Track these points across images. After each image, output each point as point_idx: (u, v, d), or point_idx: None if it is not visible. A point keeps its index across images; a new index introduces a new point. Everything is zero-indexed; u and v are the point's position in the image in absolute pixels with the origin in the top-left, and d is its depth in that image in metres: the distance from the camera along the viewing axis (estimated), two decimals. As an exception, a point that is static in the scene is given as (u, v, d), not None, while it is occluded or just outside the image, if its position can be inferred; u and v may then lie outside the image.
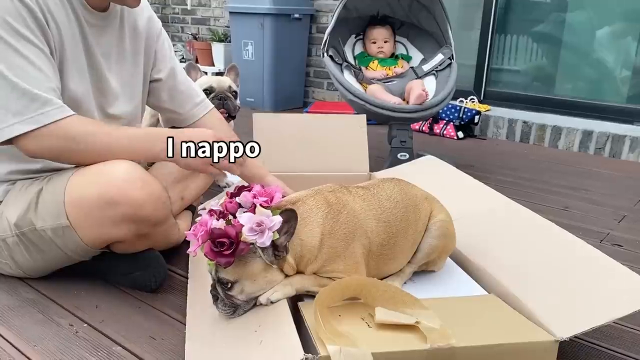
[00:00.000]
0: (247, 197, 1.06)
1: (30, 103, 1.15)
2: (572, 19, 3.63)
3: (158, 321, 1.25)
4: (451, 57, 2.53)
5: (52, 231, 1.25)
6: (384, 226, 1.18)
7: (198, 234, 1.03)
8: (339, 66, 2.50)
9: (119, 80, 1.42)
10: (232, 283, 1.05)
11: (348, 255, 1.11)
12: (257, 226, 1.00)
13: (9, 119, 1.15)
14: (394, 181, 1.29)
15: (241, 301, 1.07)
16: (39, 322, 1.23)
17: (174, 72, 1.59)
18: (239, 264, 1.03)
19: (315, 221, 1.09)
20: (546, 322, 1.03)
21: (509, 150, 3.21)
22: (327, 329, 0.95)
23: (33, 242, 1.28)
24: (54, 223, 1.24)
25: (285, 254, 1.05)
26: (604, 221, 2.06)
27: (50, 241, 1.26)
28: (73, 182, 1.23)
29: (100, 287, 1.38)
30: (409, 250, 1.25)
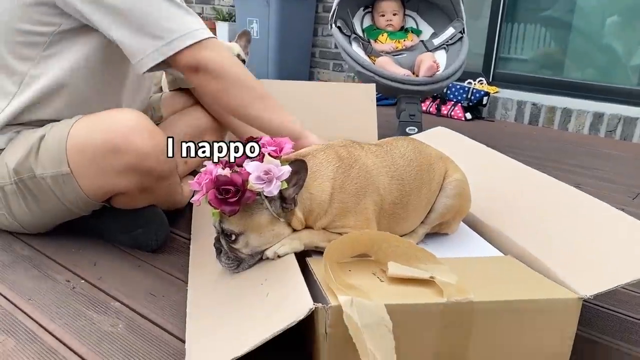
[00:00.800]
0: (259, 141, 1.01)
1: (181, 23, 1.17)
2: (583, 2, 3.55)
3: (158, 279, 1.20)
4: (462, 31, 2.47)
5: (52, 179, 1.19)
6: (397, 184, 1.12)
7: (202, 182, 0.97)
8: (347, 38, 2.44)
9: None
10: (237, 235, 0.99)
11: (359, 211, 1.06)
12: (265, 174, 0.95)
13: (170, 35, 1.16)
14: (408, 139, 1.23)
15: (245, 255, 1.02)
16: (34, 277, 1.18)
17: None
18: (244, 215, 0.98)
19: (326, 175, 1.04)
20: (567, 281, 0.98)
21: (518, 132, 3.14)
22: (337, 281, 0.89)
23: (31, 191, 1.23)
24: (54, 170, 1.18)
25: (294, 206, 1.00)
26: (618, 198, 2.01)
27: (49, 190, 1.21)
28: (77, 127, 1.18)
29: (99, 245, 1.33)
30: (422, 210, 1.19)
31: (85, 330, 0.99)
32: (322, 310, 0.84)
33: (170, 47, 1.16)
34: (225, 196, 0.93)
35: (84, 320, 1.03)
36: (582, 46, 3.59)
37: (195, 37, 1.17)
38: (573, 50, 3.61)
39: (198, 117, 1.64)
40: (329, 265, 0.91)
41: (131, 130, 1.14)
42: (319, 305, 0.83)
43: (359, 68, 2.28)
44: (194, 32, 1.18)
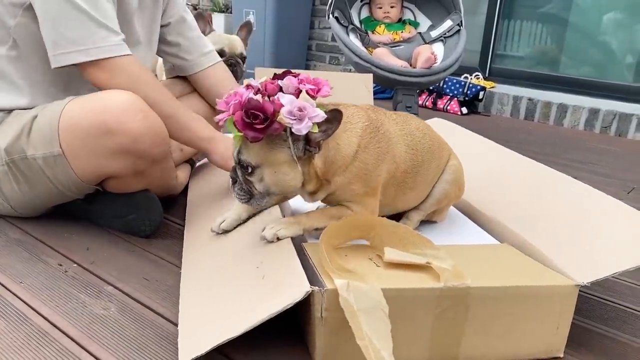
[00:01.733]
0: (293, 81, 0.95)
1: (90, 34, 1.15)
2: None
3: (152, 263, 1.19)
4: (460, 24, 2.46)
5: (43, 160, 1.17)
6: (411, 153, 1.12)
7: (230, 102, 0.92)
8: (345, 28, 2.43)
9: (141, 27, 1.38)
10: (254, 168, 0.96)
11: (372, 177, 1.04)
12: (298, 111, 0.89)
13: (67, 46, 1.15)
14: (418, 118, 1.24)
15: (257, 192, 0.99)
16: (25, 260, 1.16)
17: (184, 19, 1.56)
18: (264, 148, 0.94)
19: (355, 131, 1.01)
20: (564, 269, 0.97)
21: (514, 127, 3.15)
22: (334, 265, 0.88)
23: (23, 171, 1.21)
24: (45, 151, 1.17)
25: (317, 151, 0.95)
26: (613, 192, 1.99)
27: (41, 172, 1.19)
28: (70, 108, 1.16)
29: (92, 230, 1.32)
30: (428, 184, 1.19)
31: (76, 313, 0.98)
32: (318, 293, 0.83)
33: (67, 57, 1.15)
34: (253, 121, 0.89)
35: (75, 302, 1.01)
36: (578, 42, 3.59)
37: (90, 55, 1.15)
38: (569, 46, 3.61)
39: (195, 105, 1.62)
40: (325, 249, 0.91)
41: (125, 112, 1.13)
42: (315, 288, 0.82)
43: (356, 59, 2.26)
44: (92, 49, 1.15)
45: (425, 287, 0.86)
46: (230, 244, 1.13)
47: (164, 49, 1.56)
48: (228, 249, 1.10)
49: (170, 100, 1.27)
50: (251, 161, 0.96)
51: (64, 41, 1.14)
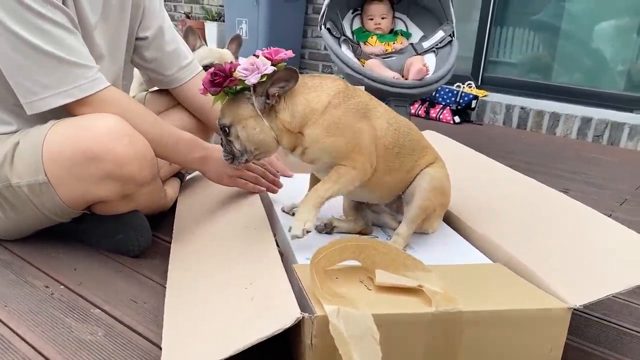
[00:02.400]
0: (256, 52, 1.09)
1: (63, 76, 1.12)
2: (572, 7, 3.57)
3: (140, 285, 1.17)
4: (452, 35, 2.46)
5: (29, 188, 1.16)
6: (393, 131, 1.15)
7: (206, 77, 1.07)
8: (337, 40, 2.42)
9: (105, 40, 1.33)
10: (228, 127, 1.08)
11: (350, 131, 1.09)
12: (250, 65, 1.03)
13: (42, 92, 1.12)
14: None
15: (237, 150, 1.10)
16: (12, 282, 1.14)
17: (162, 31, 1.48)
18: (232, 107, 1.07)
19: (326, 92, 1.10)
20: (557, 290, 0.96)
21: (506, 136, 3.15)
22: (324, 289, 0.87)
23: (8, 199, 1.19)
24: (30, 179, 1.15)
25: (275, 102, 1.06)
26: (606, 203, 2.01)
27: (27, 199, 1.17)
28: (53, 134, 1.14)
29: (79, 250, 1.30)
30: (409, 171, 1.19)
31: (63, 339, 0.96)
32: (308, 320, 0.82)
33: (45, 102, 1.13)
34: (215, 79, 1.04)
35: (62, 327, 1.00)
36: (571, 51, 3.60)
37: (71, 96, 1.13)
38: (561, 55, 3.62)
39: (182, 118, 1.60)
40: (315, 273, 0.89)
41: (110, 137, 1.11)
42: (305, 315, 0.81)
43: (348, 70, 2.26)
44: (70, 90, 1.13)
45: (417, 312, 0.85)
46: (218, 262, 1.11)
47: (141, 64, 1.50)
48: (216, 268, 1.09)
49: (156, 125, 1.25)
50: (225, 122, 1.08)
51: (38, 87, 1.11)
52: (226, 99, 1.08)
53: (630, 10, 3.33)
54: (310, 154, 1.12)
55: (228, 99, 1.08)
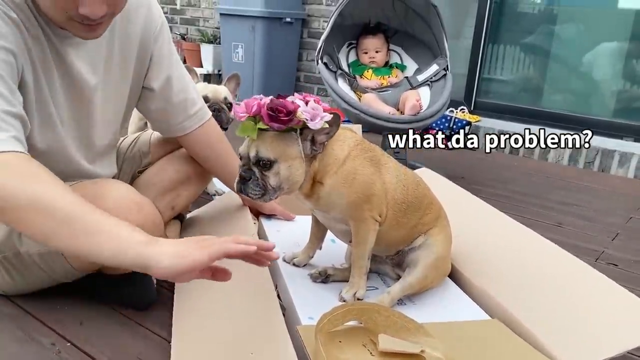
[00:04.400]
0: (298, 96, 1.12)
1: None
2: (563, 32, 3.64)
3: (145, 340, 1.19)
4: (446, 68, 2.51)
5: (39, 256, 1.17)
6: (401, 187, 1.21)
7: (252, 105, 1.07)
8: (334, 74, 2.46)
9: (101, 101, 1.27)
10: (272, 162, 1.09)
11: (364, 183, 1.15)
12: (312, 110, 1.07)
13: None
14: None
15: (271, 186, 1.10)
16: (18, 339, 1.16)
17: (170, 82, 1.40)
18: (281, 144, 1.09)
19: (347, 143, 1.16)
20: (552, 350, 1.00)
21: (499, 162, 3.19)
22: (329, 357, 0.90)
23: (15, 266, 1.21)
24: (40, 248, 1.16)
25: (320, 151, 1.11)
26: (598, 239, 2.05)
27: (36, 266, 1.19)
28: None
29: (85, 302, 1.31)
30: (414, 227, 1.24)
31: (72, 403, 0.98)
32: (312, 390, 0.84)
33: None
34: (278, 114, 1.04)
35: (70, 391, 1.02)
36: (562, 76, 3.67)
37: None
38: (553, 81, 3.69)
39: (186, 163, 1.61)
40: (321, 341, 0.92)
41: (119, 208, 1.10)
42: (309, 385, 0.84)
43: (345, 105, 2.30)
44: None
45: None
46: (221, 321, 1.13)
47: (147, 114, 1.46)
48: (219, 328, 1.11)
49: (73, 200, 0.92)
50: (270, 156, 1.08)
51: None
52: (266, 133, 1.08)
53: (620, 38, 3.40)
54: (324, 203, 1.16)
55: (274, 134, 1.08)
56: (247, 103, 1.08)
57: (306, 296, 1.19)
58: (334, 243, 1.50)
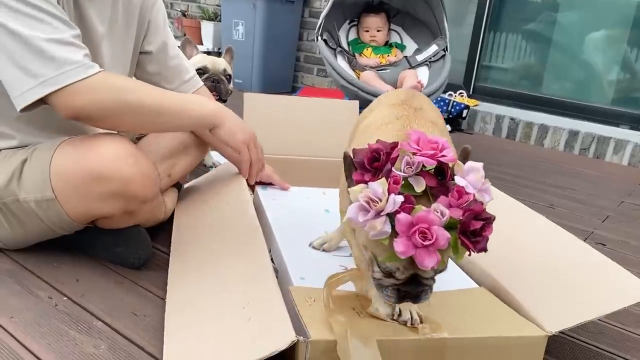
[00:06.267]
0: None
1: (49, 62, 1.05)
2: (564, 20, 3.64)
3: (140, 297, 1.22)
4: (445, 49, 2.52)
5: (36, 203, 1.20)
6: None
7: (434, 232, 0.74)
8: (333, 51, 2.47)
9: (109, 52, 1.36)
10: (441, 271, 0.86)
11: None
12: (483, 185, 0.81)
13: (27, 82, 1.06)
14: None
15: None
16: (16, 293, 1.18)
17: (166, 46, 1.52)
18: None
19: None
20: (535, 315, 1.03)
21: (495, 146, 3.22)
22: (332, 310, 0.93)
23: (14, 213, 1.23)
24: (38, 195, 1.19)
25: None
26: (589, 220, 2.08)
27: (33, 213, 1.22)
28: (60, 154, 1.18)
29: (81, 260, 1.34)
30: None
31: (68, 351, 1.01)
32: (302, 343, 0.87)
33: (31, 93, 1.06)
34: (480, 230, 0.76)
35: (66, 340, 1.04)
36: (562, 62, 3.68)
37: (55, 84, 1.06)
38: (552, 66, 3.70)
39: (183, 132, 1.64)
40: (329, 297, 0.96)
41: (115, 157, 1.15)
42: (300, 338, 0.87)
43: (343, 82, 2.31)
44: (55, 77, 1.06)
45: (405, 339, 0.91)
46: (216, 279, 1.16)
47: (144, 77, 1.53)
48: (214, 285, 1.14)
49: (158, 95, 1.23)
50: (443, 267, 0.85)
51: (24, 77, 1.06)
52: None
53: (622, 27, 3.41)
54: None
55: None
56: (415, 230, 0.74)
57: (298, 259, 1.22)
58: (328, 213, 1.53)
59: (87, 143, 1.18)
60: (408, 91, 1.12)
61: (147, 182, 1.20)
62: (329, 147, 1.92)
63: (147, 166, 1.20)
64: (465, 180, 0.79)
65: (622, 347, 1.22)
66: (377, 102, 1.15)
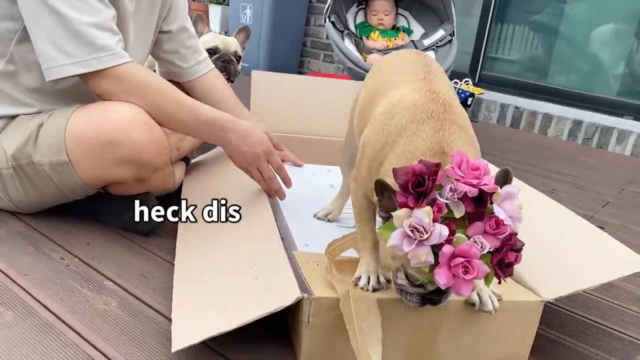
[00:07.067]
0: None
1: (85, 46, 1.15)
2: (570, 10, 3.65)
3: (149, 261, 1.26)
4: (452, 34, 2.54)
5: (50, 166, 1.24)
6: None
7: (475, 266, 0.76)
8: (340, 33, 2.49)
9: (134, 30, 1.41)
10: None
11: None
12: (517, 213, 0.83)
13: (61, 59, 1.15)
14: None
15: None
16: (30, 253, 1.22)
17: (185, 29, 1.62)
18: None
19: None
20: (531, 283, 1.06)
21: (499, 134, 3.24)
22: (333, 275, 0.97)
23: (29, 176, 1.27)
24: (53, 158, 1.23)
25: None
26: (589, 205, 2.11)
27: (47, 177, 1.25)
28: (76, 118, 1.22)
29: (92, 226, 1.38)
30: None
31: (80, 307, 1.05)
32: (306, 300, 0.91)
33: (62, 70, 1.16)
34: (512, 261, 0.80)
35: (78, 297, 1.08)
36: (567, 53, 3.69)
37: (90, 67, 1.16)
38: (558, 56, 3.71)
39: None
40: (331, 260, 0.99)
41: (129, 124, 1.19)
42: (304, 295, 0.90)
43: (349, 64, 2.33)
44: (90, 60, 1.16)
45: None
46: (223, 244, 1.20)
47: (161, 55, 1.62)
48: (221, 250, 1.18)
49: (176, 101, 1.26)
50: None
51: (59, 54, 1.15)
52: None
53: (627, 19, 3.41)
54: None
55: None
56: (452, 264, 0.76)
57: (302, 228, 1.26)
58: (332, 188, 1.56)
59: (102, 109, 1.21)
60: (421, 61, 1.09)
61: (160, 150, 1.24)
62: (334, 127, 1.95)
63: (159, 134, 1.23)
64: (504, 213, 0.80)
65: (611, 319, 1.26)
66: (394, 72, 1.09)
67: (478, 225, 0.79)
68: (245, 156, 1.29)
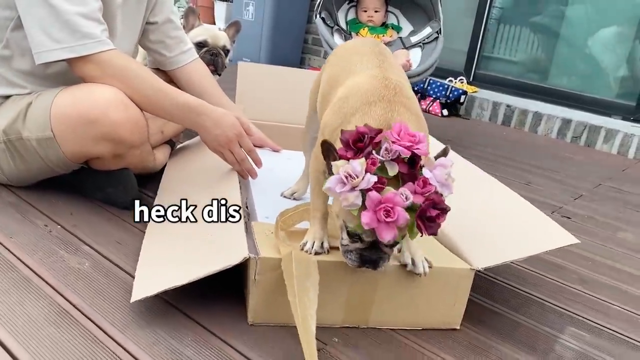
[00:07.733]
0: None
1: (72, 33, 1.27)
2: (564, 12, 3.71)
3: (127, 231, 1.37)
4: (439, 32, 2.63)
5: (37, 142, 1.35)
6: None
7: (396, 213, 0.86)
8: (330, 29, 2.59)
9: (122, 20, 1.52)
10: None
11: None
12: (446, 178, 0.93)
13: (51, 45, 1.27)
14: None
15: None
16: (17, 220, 1.34)
17: (170, 20, 1.74)
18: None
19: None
20: (465, 253, 1.16)
21: (490, 131, 3.32)
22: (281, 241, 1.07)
23: (18, 150, 1.39)
24: (39, 134, 1.35)
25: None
26: (561, 197, 2.19)
27: (34, 151, 1.37)
28: (61, 97, 1.34)
29: (77, 199, 1.50)
30: None
31: (56, 266, 1.16)
32: (253, 260, 1.01)
33: (51, 54, 1.28)
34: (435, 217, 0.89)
35: (55, 257, 1.20)
36: (560, 53, 3.76)
37: (75, 52, 1.28)
38: (550, 57, 3.78)
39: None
40: (279, 227, 1.10)
41: (107, 103, 1.30)
42: (251, 255, 1.01)
43: (336, 58, 2.43)
44: (76, 46, 1.28)
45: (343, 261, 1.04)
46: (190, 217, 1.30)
47: (147, 44, 1.74)
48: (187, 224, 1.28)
49: (153, 86, 1.36)
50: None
51: (49, 41, 1.27)
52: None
53: (619, 19, 3.47)
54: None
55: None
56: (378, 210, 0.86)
57: (267, 203, 1.36)
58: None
59: (84, 90, 1.33)
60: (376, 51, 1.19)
61: (135, 128, 1.35)
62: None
63: (135, 114, 1.35)
64: (431, 173, 0.91)
65: (534, 286, 1.38)
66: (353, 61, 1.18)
67: (409, 185, 0.90)
68: (217, 139, 1.39)
